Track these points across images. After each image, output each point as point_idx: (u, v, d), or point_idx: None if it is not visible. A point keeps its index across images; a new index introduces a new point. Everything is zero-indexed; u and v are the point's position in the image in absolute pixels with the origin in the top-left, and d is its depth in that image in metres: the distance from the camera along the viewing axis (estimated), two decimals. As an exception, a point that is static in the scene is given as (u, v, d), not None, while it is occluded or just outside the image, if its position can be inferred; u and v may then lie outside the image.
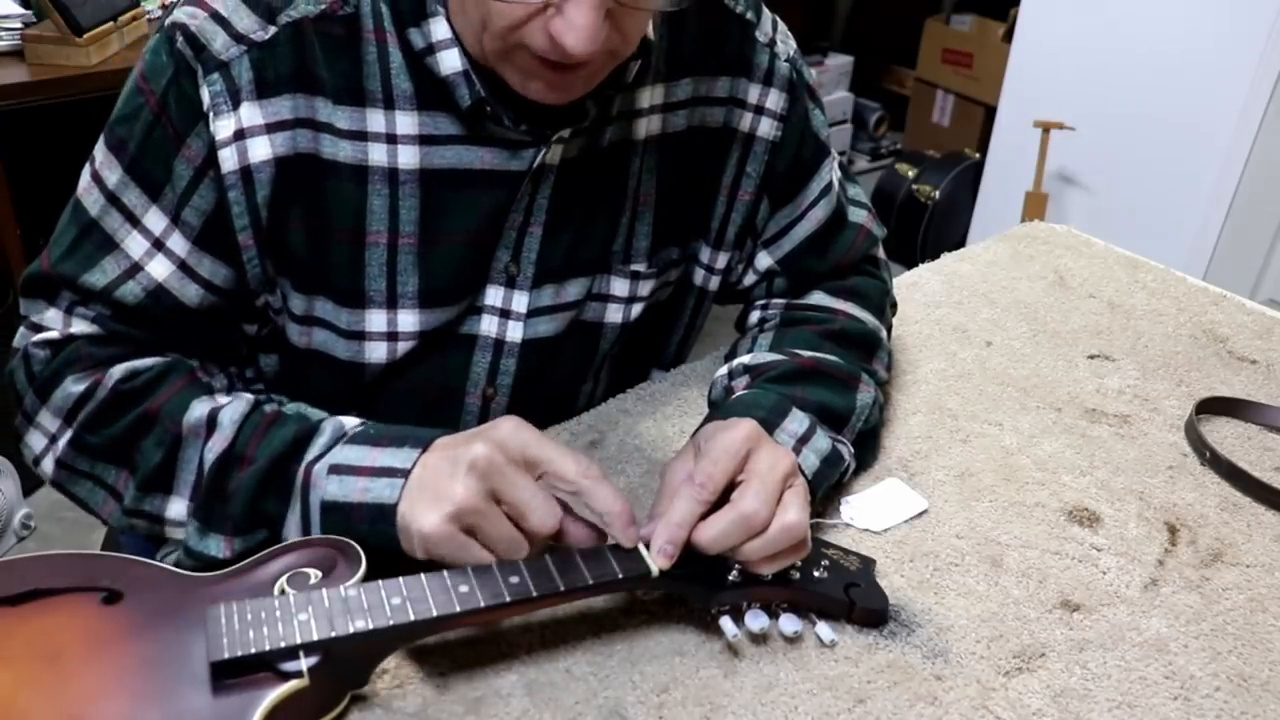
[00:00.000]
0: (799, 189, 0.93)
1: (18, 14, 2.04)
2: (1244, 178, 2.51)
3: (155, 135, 0.75)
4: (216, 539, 0.71)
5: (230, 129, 0.73)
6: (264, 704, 0.57)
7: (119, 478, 0.75)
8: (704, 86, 0.87)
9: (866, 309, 0.93)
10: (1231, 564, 0.80)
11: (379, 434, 0.71)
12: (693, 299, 0.97)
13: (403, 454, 0.68)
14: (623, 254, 0.87)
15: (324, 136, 0.75)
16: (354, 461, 0.69)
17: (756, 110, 0.89)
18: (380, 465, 0.68)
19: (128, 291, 0.76)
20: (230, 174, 0.74)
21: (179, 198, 0.75)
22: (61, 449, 0.76)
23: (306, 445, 0.71)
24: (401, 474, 0.66)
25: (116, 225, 0.76)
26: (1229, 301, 1.18)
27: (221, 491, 0.71)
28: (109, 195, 0.76)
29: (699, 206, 0.91)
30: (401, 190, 0.77)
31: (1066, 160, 2.81)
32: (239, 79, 0.73)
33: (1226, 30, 2.42)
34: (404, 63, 0.76)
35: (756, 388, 0.82)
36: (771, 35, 0.89)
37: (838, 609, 0.71)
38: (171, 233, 0.76)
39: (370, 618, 0.60)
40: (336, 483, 0.68)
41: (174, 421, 0.73)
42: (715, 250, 0.94)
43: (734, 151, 0.90)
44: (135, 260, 0.76)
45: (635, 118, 0.84)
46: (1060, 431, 0.94)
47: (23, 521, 1.98)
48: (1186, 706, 0.68)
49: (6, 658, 0.59)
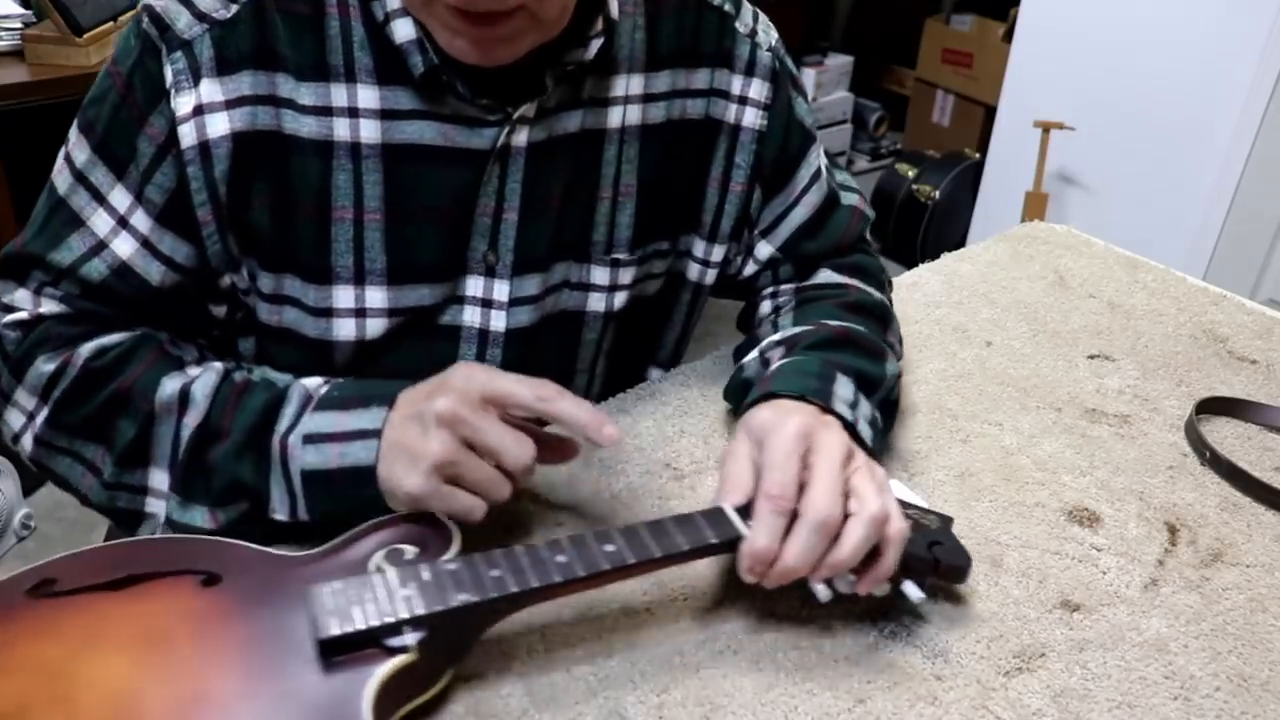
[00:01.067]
0: (789, 177, 0.93)
1: (18, 14, 2.04)
2: (1244, 178, 2.51)
3: (120, 115, 0.76)
4: (200, 510, 0.73)
5: (190, 105, 0.75)
6: (375, 678, 0.58)
7: (96, 453, 0.76)
8: (683, 79, 0.87)
9: (871, 284, 0.95)
10: (1231, 564, 0.80)
11: (344, 395, 0.73)
12: (688, 294, 0.97)
13: (370, 414, 0.71)
14: (605, 244, 0.88)
15: (285, 113, 0.76)
16: (326, 429, 0.71)
17: (740, 101, 0.90)
18: (352, 429, 0.70)
19: (93, 269, 0.77)
20: (189, 149, 0.75)
21: (141, 175, 0.76)
22: (39, 427, 0.77)
23: (277, 415, 0.73)
24: (374, 434, 0.69)
25: (83, 203, 0.77)
26: (1229, 301, 1.18)
27: (201, 466, 0.73)
28: (77, 174, 0.78)
29: (687, 199, 0.92)
30: (365, 165, 0.78)
31: (1066, 160, 2.81)
32: (200, 56, 0.75)
33: (1226, 30, 2.42)
34: (365, 35, 0.76)
35: (797, 354, 0.82)
36: (752, 26, 0.90)
37: (924, 567, 0.70)
38: (135, 210, 0.77)
39: (473, 590, 0.62)
40: (313, 451, 0.71)
41: (146, 399, 0.74)
42: (710, 243, 0.94)
43: (720, 143, 0.90)
44: (100, 238, 0.77)
45: (609, 105, 0.84)
46: (1060, 431, 0.94)
47: (23, 521, 1.99)
48: (1186, 706, 0.68)
49: (116, 641, 0.60)
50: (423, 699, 0.62)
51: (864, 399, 0.80)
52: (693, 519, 0.68)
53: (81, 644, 0.59)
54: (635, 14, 0.84)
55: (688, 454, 0.87)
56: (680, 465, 0.86)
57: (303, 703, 0.57)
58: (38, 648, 0.59)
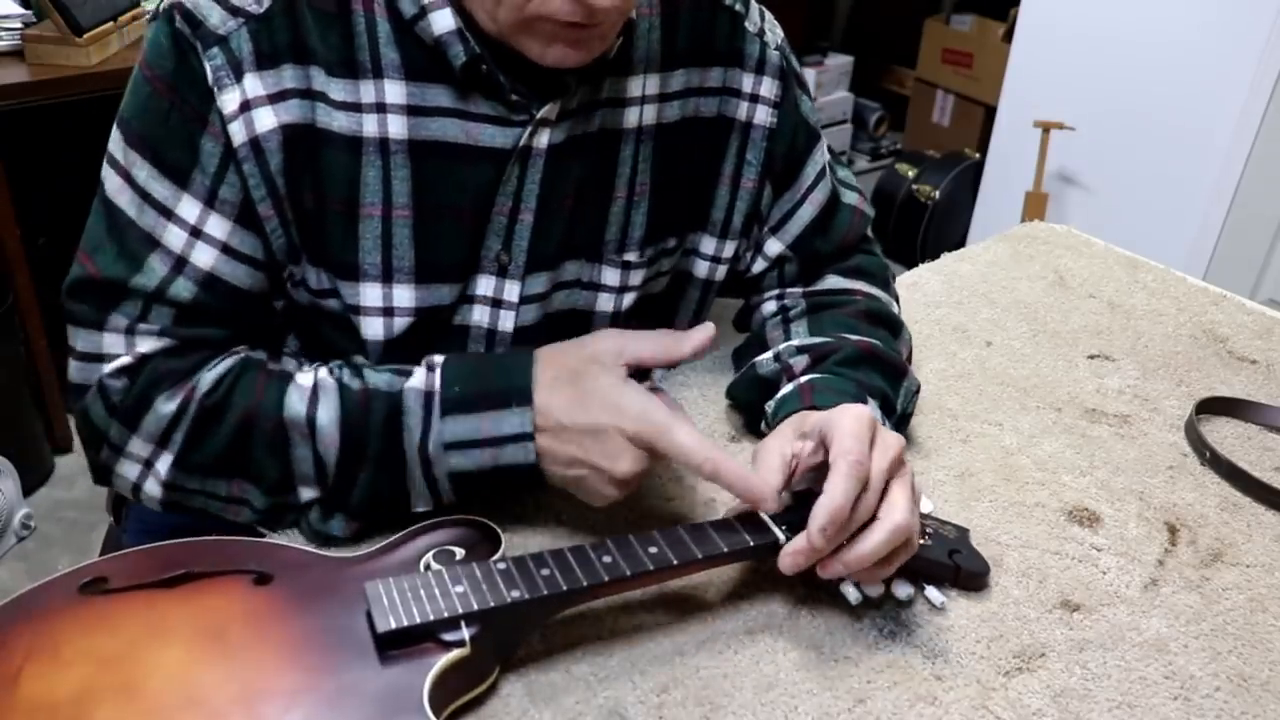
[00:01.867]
0: (797, 173, 0.94)
1: (18, 14, 2.04)
2: (1244, 178, 2.51)
3: (173, 121, 0.74)
4: (339, 520, 0.76)
5: (236, 102, 0.74)
6: (434, 671, 0.60)
7: (233, 487, 0.76)
8: (697, 77, 0.88)
9: (877, 286, 0.96)
10: (1231, 564, 0.80)
11: (469, 394, 0.74)
12: (696, 291, 0.97)
13: (514, 417, 0.73)
14: (617, 243, 0.88)
15: (319, 106, 0.76)
16: (467, 435, 0.73)
17: (752, 99, 0.90)
18: (499, 434, 0.73)
19: (181, 289, 0.75)
20: (241, 146, 0.74)
21: (212, 179, 0.75)
22: (166, 472, 0.75)
23: (400, 426, 0.74)
24: (526, 438, 0.73)
25: (153, 222, 0.75)
26: (1229, 301, 1.18)
27: (346, 487, 0.75)
28: (141, 193, 0.75)
29: (697, 197, 0.92)
30: (393, 161, 0.78)
31: (1066, 160, 2.81)
32: (239, 52, 0.74)
33: (1226, 30, 2.42)
34: (391, 32, 0.76)
35: (828, 373, 0.83)
36: (760, 25, 0.91)
37: (944, 573, 0.74)
38: (208, 216, 0.75)
39: (525, 588, 0.64)
40: (460, 456, 0.73)
41: (272, 422, 0.74)
42: (722, 240, 0.94)
43: (733, 141, 0.91)
44: (178, 253, 0.75)
45: (625, 105, 0.85)
46: (1060, 431, 0.94)
47: (23, 521, 1.98)
48: (1186, 706, 0.68)
49: (174, 635, 0.61)
50: (473, 694, 0.64)
51: (887, 421, 0.82)
52: (731, 523, 0.71)
53: (141, 637, 0.61)
54: (651, 15, 0.85)
55: (688, 454, 0.87)
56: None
57: (363, 695, 0.59)
58: (97, 640, 0.60)
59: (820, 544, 0.67)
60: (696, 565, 0.69)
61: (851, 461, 0.68)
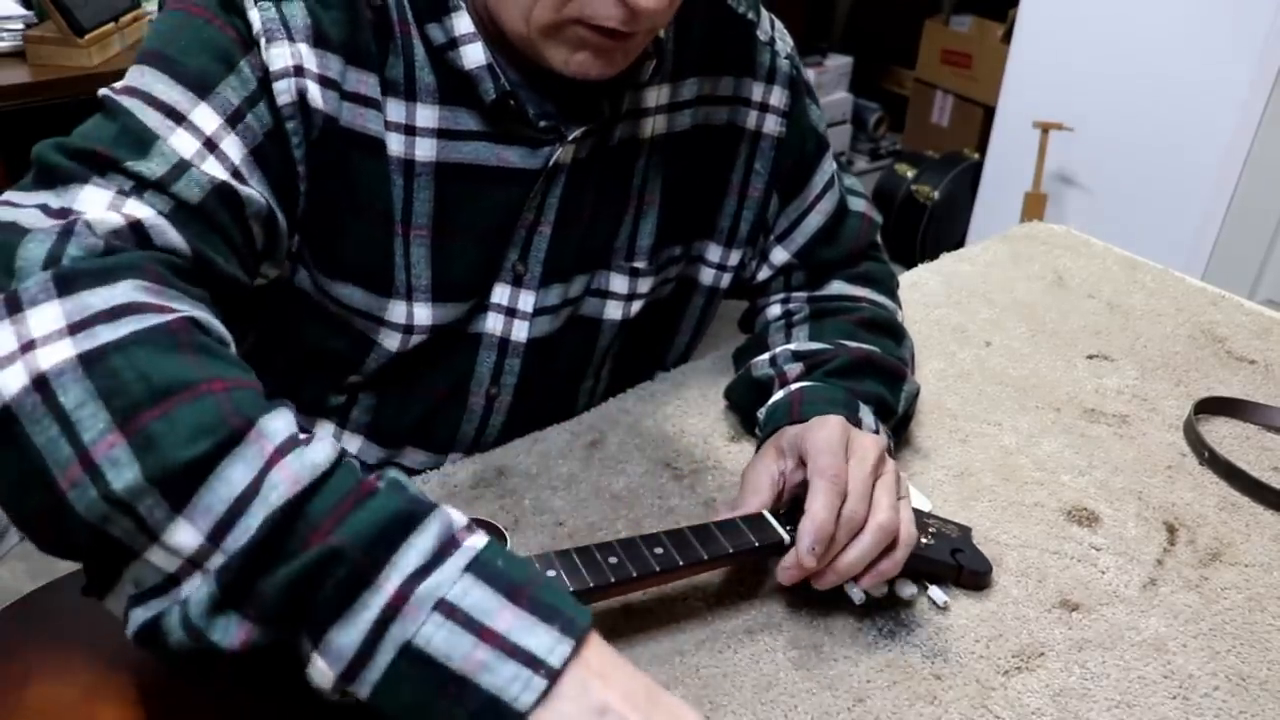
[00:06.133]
0: (805, 182, 0.94)
1: (19, 15, 2.04)
2: (1243, 178, 2.52)
3: (206, 34, 0.67)
4: (232, 620, 0.49)
5: (288, 60, 0.68)
6: None
7: (102, 440, 0.48)
8: (708, 86, 0.88)
9: (883, 293, 0.96)
10: (1230, 564, 0.80)
11: (512, 574, 0.51)
12: (701, 299, 0.97)
13: (551, 637, 0.49)
14: (625, 251, 0.88)
15: (370, 114, 0.74)
16: (475, 611, 0.49)
17: (761, 108, 0.90)
18: (513, 641, 0.48)
19: (187, 186, 0.61)
20: (288, 105, 0.69)
21: (245, 99, 0.66)
22: (53, 364, 0.49)
23: (404, 539, 0.49)
24: (544, 671, 0.48)
25: (157, 122, 0.63)
26: (1227, 301, 1.18)
27: (270, 560, 0.48)
28: (146, 97, 0.64)
29: (705, 205, 0.92)
30: (417, 182, 0.77)
31: (1065, 161, 2.81)
32: (292, 20, 0.69)
33: (1225, 31, 2.42)
34: (426, 56, 0.75)
35: (819, 381, 0.83)
36: (771, 34, 0.91)
37: (947, 572, 0.75)
38: (226, 134, 0.65)
39: None
40: (443, 629, 0.48)
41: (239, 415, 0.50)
42: (728, 248, 0.94)
43: (742, 150, 0.91)
44: (186, 158, 0.62)
45: (642, 116, 0.85)
46: (1059, 431, 0.94)
47: (23, 522, 1.98)
48: (1185, 706, 0.68)
49: None
50: None
51: (882, 425, 0.82)
52: (735, 523, 0.71)
53: None
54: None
55: (688, 454, 0.88)
56: (680, 465, 0.86)
57: None
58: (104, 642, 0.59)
59: (811, 563, 0.67)
60: (702, 566, 0.69)
61: (829, 477, 0.69)
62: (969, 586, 0.75)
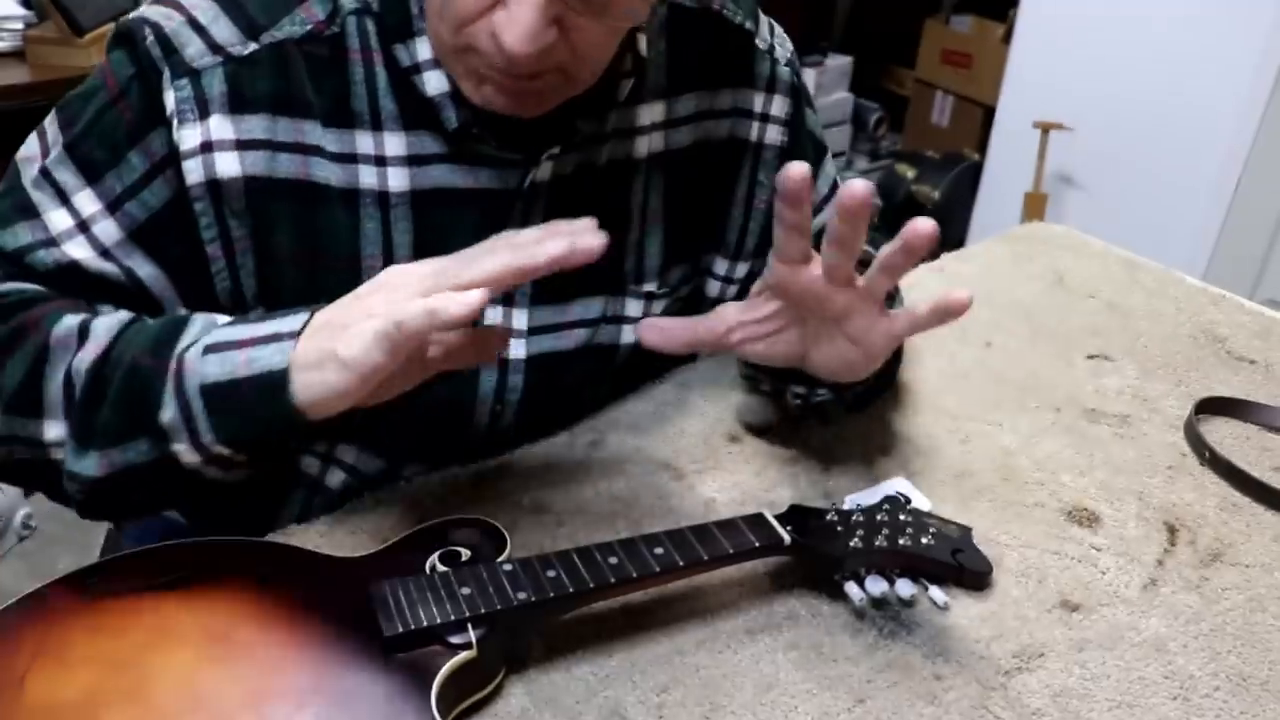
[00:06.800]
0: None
1: (19, 14, 2.04)
2: (1243, 178, 2.52)
3: (107, 120, 0.72)
4: (92, 457, 0.66)
5: (197, 140, 0.72)
6: (441, 673, 0.60)
7: None
8: (708, 100, 0.87)
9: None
10: (1231, 564, 0.80)
11: (251, 319, 0.67)
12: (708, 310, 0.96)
13: (291, 319, 0.64)
14: (634, 274, 0.87)
15: (314, 160, 0.74)
16: (234, 337, 0.64)
17: (763, 119, 0.89)
18: (264, 333, 0.63)
19: (39, 260, 0.72)
20: (196, 186, 0.72)
21: (127, 189, 0.72)
22: None
23: (179, 334, 0.66)
24: (290, 336, 0.62)
25: (43, 198, 0.72)
26: (1228, 301, 1.18)
27: (96, 402, 0.66)
28: (43, 169, 0.73)
29: (711, 220, 0.91)
30: (393, 214, 0.76)
31: (1066, 161, 2.81)
32: (209, 90, 0.72)
33: (1225, 31, 2.42)
34: (389, 82, 0.75)
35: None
36: (770, 41, 0.89)
37: (947, 572, 0.74)
38: (103, 219, 0.72)
39: (531, 590, 0.64)
40: (215, 361, 0.63)
41: (42, 333, 0.67)
42: (734, 261, 0.94)
43: (745, 162, 0.90)
44: (52, 236, 0.72)
45: (635, 135, 0.83)
46: (1059, 431, 0.94)
47: (23, 521, 1.99)
48: (1186, 706, 0.68)
49: (180, 637, 0.61)
50: (477, 696, 0.64)
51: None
52: (735, 523, 0.71)
53: (146, 639, 0.61)
54: (656, 40, 0.83)
55: (688, 454, 0.88)
56: (680, 465, 0.86)
57: (371, 697, 0.59)
58: (103, 642, 0.60)
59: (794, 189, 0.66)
60: (702, 566, 0.69)
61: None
62: (969, 587, 0.75)
